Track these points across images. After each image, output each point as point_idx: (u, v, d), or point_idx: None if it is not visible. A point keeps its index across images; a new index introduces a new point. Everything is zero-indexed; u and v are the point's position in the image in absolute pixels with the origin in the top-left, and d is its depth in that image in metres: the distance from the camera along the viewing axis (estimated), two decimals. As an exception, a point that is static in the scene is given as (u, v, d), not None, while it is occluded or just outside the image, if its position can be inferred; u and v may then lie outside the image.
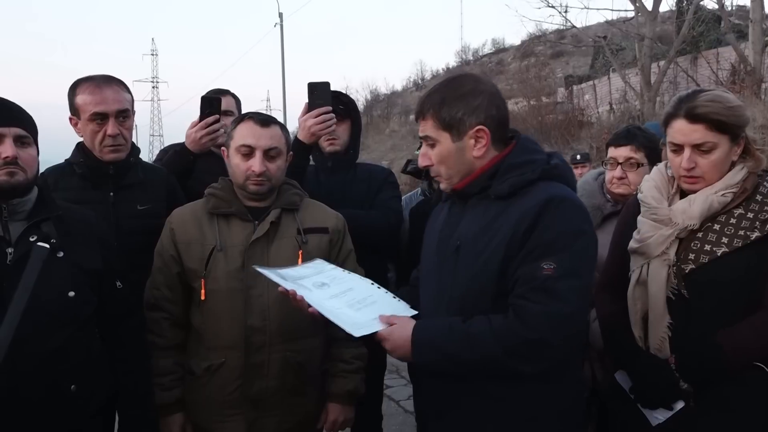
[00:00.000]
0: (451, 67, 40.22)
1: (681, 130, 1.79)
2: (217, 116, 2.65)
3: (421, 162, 1.75)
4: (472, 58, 40.65)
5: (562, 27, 20.11)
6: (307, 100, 2.47)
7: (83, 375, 1.79)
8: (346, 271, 1.99)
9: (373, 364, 2.40)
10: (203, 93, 3.29)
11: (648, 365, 1.82)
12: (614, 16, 18.10)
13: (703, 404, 1.75)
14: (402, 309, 1.79)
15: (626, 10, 16.30)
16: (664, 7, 15.87)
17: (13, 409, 1.63)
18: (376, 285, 1.91)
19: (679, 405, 1.77)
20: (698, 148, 1.78)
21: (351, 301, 1.79)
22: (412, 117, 28.55)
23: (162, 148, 3.58)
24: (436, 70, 41.17)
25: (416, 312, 1.77)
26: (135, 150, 2.44)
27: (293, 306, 1.78)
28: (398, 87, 40.82)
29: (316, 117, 2.44)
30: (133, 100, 2.41)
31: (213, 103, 2.69)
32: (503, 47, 39.52)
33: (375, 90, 39.42)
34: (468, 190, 1.70)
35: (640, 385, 1.83)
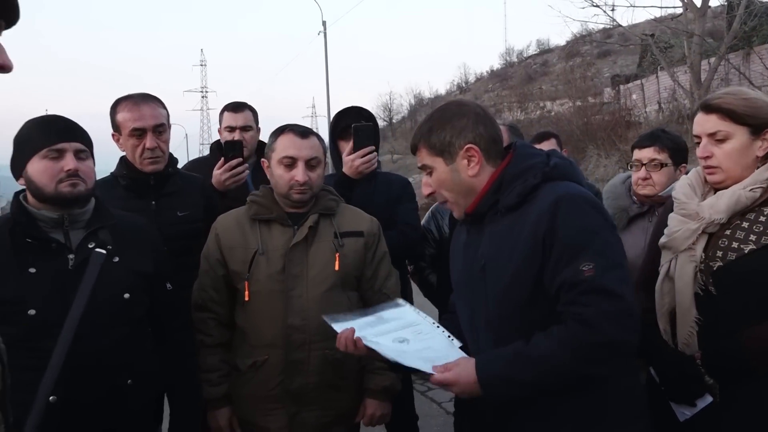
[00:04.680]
0: (495, 69, 39.98)
1: (698, 121, 1.88)
2: (240, 159, 2.85)
3: (424, 191, 1.82)
4: (516, 59, 40.28)
5: (608, 26, 19.78)
6: (352, 140, 2.70)
7: (138, 370, 1.94)
8: (417, 311, 1.98)
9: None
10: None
11: (673, 360, 1.85)
12: (662, 13, 17.68)
13: (728, 401, 1.77)
14: (454, 352, 1.75)
15: (674, 7, 15.94)
16: (714, 2, 15.45)
17: (75, 401, 1.78)
18: (441, 329, 1.87)
19: (707, 401, 1.79)
20: (713, 137, 1.83)
21: (412, 332, 1.83)
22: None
23: (189, 160, 3.76)
24: (480, 73, 40.99)
25: (461, 345, 1.77)
26: (173, 161, 2.64)
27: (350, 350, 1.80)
28: (442, 91, 40.82)
29: (362, 157, 2.66)
30: (168, 115, 2.61)
31: (236, 146, 2.89)
32: (548, 48, 39.06)
33: (419, 94, 39.56)
34: (479, 209, 1.72)
35: (665, 380, 1.87)
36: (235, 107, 3.32)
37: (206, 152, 3.66)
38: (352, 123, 2.77)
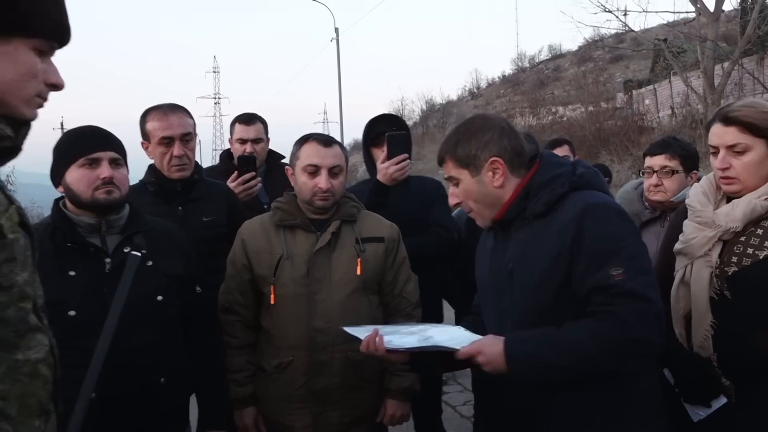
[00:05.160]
0: (507, 74, 39.95)
1: (716, 132, 1.92)
2: (253, 173, 3.00)
3: (450, 201, 1.88)
4: (528, 65, 40.23)
5: (620, 31, 19.74)
6: (385, 148, 2.78)
7: (170, 369, 2.02)
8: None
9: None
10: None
11: (688, 362, 1.90)
12: (675, 17, 17.61)
13: (744, 401, 1.82)
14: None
15: (687, 12, 15.86)
16: (727, 6, 15.30)
17: (112, 398, 1.86)
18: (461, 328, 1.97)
19: (721, 401, 1.84)
20: (732, 149, 1.87)
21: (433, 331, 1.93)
22: (467, 126, 28.47)
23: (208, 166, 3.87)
24: (491, 78, 40.97)
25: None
26: (198, 168, 2.76)
27: (371, 355, 1.89)
28: (453, 96, 40.81)
29: (396, 164, 2.73)
30: (195, 124, 2.73)
31: (249, 161, 3.05)
32: (560, 53, 38.95)
33: (430, 100, 39.51)
34: (507, 216, 1.79)
35: (680, 382, 1.92)
36: (247, 119, 3.39)
37: (218, 158, 3.76)
38: (384, 130, 2.85)
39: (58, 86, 1.23)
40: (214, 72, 67.32)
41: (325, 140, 2.33)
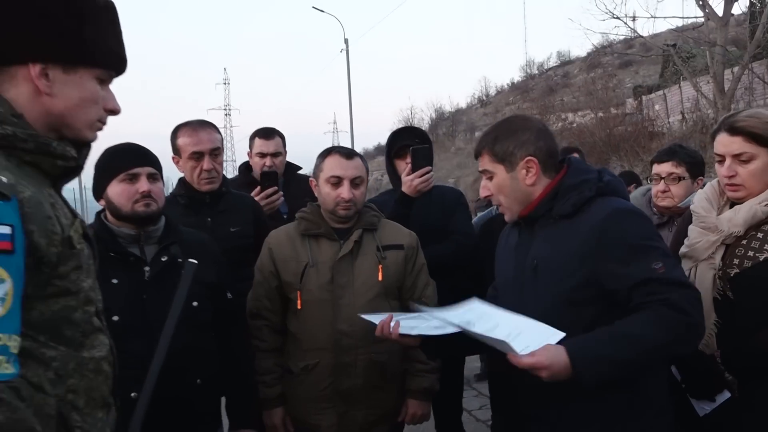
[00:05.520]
0: (515, 81, 40.07)
1: (722, 141, 2.02)
2: (276, 188, 3.16)
3: (482, 193, 1.99)
4: (537, 72, 40.33)
5: (629, 36, 19.80)
6: (409, 160, 2.89)
7: (205, 372, 2.15)
8: (495, 307, 1.93)
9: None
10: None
11: (695, 358, 1.99)
12: (683, 22, 17.67)
13: (747, 398, 1.92)
14: (550, 334, 1.69)
15: (696, 17, 15.89)
16: (736, 10, 15.32)
17: (156, 399, 1.98)
18: (522, 316, 1.82)
19: (725, 396, 1.94)
20: (738, 158, 1.98)
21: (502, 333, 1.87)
22: (477, 134, 28.67)
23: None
24: (500, 86, 41.09)
25: (564, 334, 1.67)
26: (225, 181, 2.90)
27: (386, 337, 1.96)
28: (463, 104, 40.96)
29: (420, 176, 2.85)
30: (222, 139, 2.89)
31: (270, 177, 3.22)
32: (569, 59, 39.06)
33: (440, 108, 39.72)
34: (534, 214, 1.88)
35: (686, 377, 2.02)
36: (266, 134, 3.50)
37: (230, 169, 3.91)
38: (407, 143, 2.98)
39: (115, 111, 1.37)
40: (225, 84, 67.86)
41: (347, 153, 2.46)
